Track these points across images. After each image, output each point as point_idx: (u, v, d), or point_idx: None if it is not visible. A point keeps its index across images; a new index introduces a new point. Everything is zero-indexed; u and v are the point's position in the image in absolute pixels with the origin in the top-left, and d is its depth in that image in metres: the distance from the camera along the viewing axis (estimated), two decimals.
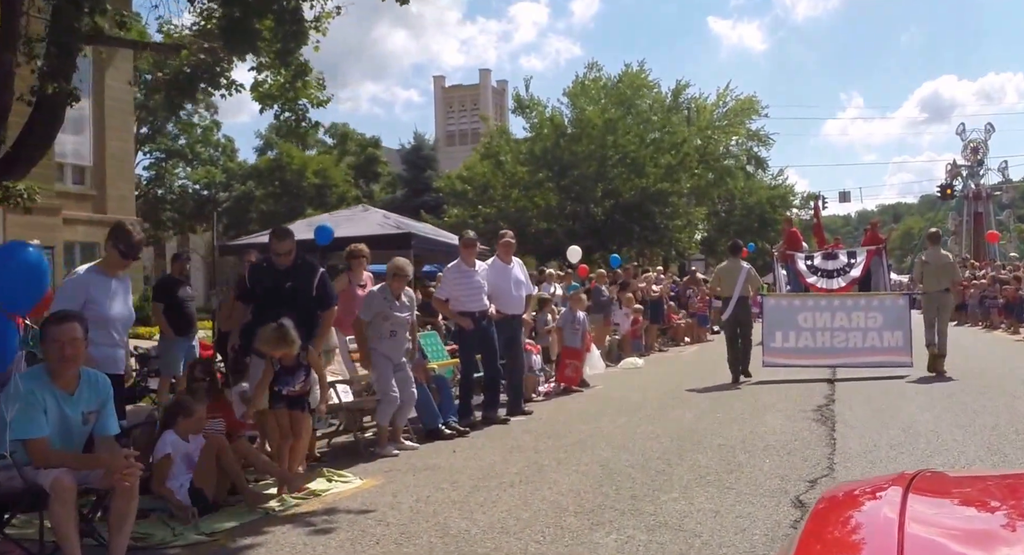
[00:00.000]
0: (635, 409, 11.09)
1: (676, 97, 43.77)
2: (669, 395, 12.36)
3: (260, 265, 8.27)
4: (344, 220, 15.64)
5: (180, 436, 6.62)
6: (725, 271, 13.71)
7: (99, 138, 28.79)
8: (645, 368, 16.66)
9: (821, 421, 9.51)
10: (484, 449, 8.80)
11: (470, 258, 10.42)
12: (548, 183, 30.47)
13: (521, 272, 11.08)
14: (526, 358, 12.18)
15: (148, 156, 41.72)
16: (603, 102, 31.60)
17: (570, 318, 13.34)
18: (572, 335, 13.23)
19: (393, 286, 8.88)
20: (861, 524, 1.88)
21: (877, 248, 18.09)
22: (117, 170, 29.52)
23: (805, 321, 13.24)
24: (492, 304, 10.68)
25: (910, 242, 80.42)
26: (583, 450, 8.45)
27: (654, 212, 30.65)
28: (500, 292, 10.79)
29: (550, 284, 19.23)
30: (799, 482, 6.70)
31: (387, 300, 8.82)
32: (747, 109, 48.48)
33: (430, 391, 9.64)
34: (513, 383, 11.09)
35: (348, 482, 7.49)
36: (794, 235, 20.60)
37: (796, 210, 53.84)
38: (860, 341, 13.04)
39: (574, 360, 13.11)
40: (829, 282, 16.99)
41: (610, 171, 30.13)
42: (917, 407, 10.31)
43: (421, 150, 41.77)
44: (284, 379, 7.05)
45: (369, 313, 8.79)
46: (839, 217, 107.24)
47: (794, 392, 11.94)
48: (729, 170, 50.89)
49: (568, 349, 13.15)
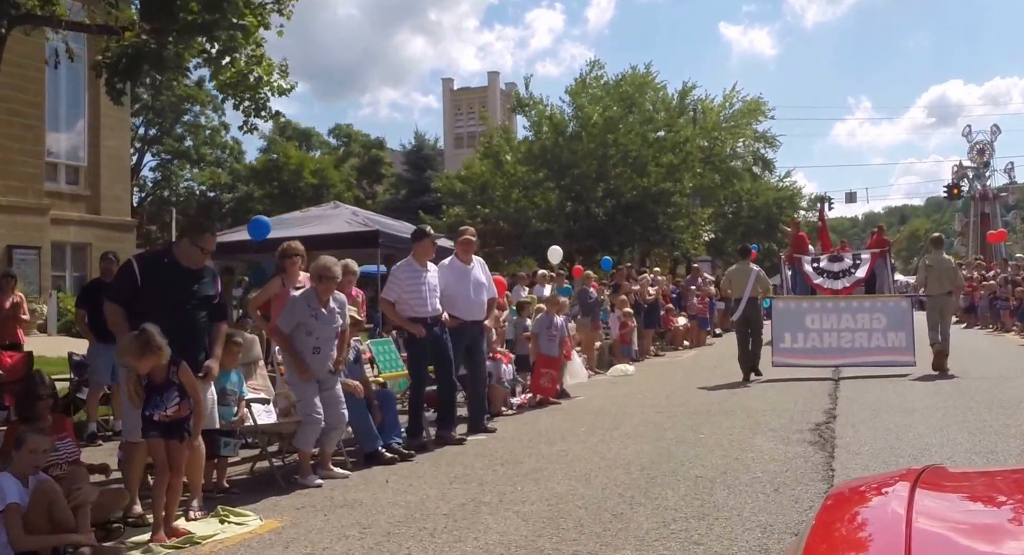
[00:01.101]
0: (612, 426, 9.57)
1: (683, 98, 42.12)
2: (654, 408, 10.84)
3: (156, 259, 6.74)
4: (312, 218, 14.20)
5: (18, 475, 5.14)
6: (735, 273, 14.00)
7: (94, 137, 27.52)
8: (636, 376, 15.11)
9: (819, 445, 7.96)
10: (423, 479, 7.30)
11: (424, 257, 8.90)
12: (548, 183, 28.93)
13: (483, 273, 9.58)
14: (495, 368, 10.69)
15: (155, 158, 40.54)
16: (604, 100, 30.01)
17: (546, 323, 11.83)
18: (548, 342, 11.72)
19: (320, 291, 7.38)
20: (869, 520, 1.83)
21: (882, 251, 17.90)
22: (113, 170, 28.23)
23: (812, 323, 13.45)
24: (447, 309, 9.19)
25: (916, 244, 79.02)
26: (536, 482, 6.94)
27: (656, 212, 29.02)
28: (458, 296, 9.31)
29: (542, 286, 17.79)
30: (784, 534, 5.17)
31: (311, 308, 7.32)
32: (753, 111, 46.90)
33: (372, 408, 8.14)
34: (474, 397, 9.60)
35: (243, 524, 6.01)
36: (800, 238, 20.37)
37: (803, 212, 52.25)
38: (865, 341, 13.22)
39: (550, 369, 11.60)
40: (834, 283, 16.79)
41: (611, 170, 28.54)
42: (927, 427, 8.74)
43: (422, 150, 40.21)
44: (154, 401, 5.59)
45: (288, 323, 7.31)
46: (846, 219, 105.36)
47: (793, 404, 10.41)
48: (736, 172, 49.39)
49: (543, 357, 11.65)
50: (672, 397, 11.75)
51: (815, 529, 1.81)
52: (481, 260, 9.74)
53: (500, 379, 10.64)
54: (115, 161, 28.31)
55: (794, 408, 10.19)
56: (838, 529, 1.82)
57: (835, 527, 1.83)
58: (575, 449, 8.26)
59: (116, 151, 28.46)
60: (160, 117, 40.33)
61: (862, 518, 1.85)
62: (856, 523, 1.83)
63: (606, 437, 8.86)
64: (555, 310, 11.99)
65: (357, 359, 8.32)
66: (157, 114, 39.66)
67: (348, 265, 9.69)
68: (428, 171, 35.12)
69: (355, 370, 8.22)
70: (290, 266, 8.71)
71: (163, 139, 39.81)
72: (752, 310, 13.46)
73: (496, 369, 10.64)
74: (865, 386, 11.99)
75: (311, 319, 7.28)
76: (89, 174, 27.63)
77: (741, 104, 45.88)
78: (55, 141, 26.57)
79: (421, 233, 9.03)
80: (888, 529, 1.68)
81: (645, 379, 14.58)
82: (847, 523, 1.84)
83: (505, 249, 29.27)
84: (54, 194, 26.06)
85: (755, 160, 49.99)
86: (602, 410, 10.86)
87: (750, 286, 13.33)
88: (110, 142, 28.02)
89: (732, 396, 11.56)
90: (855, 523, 1.83)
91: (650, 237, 29.68)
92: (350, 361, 8.18)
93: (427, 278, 8.84)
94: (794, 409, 10.11)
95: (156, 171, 40.35)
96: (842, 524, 1.84)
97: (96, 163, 27.59)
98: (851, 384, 12.34)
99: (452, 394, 9.02)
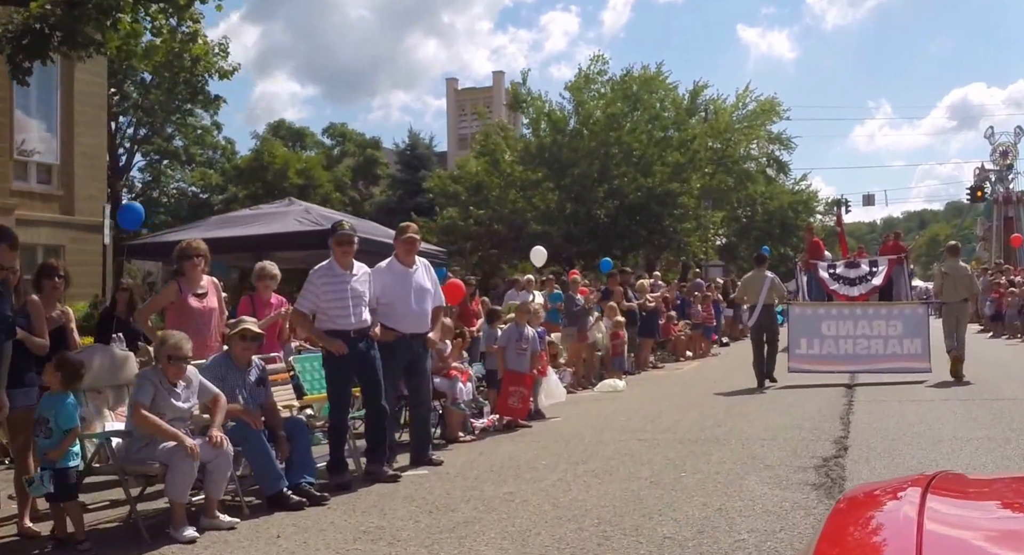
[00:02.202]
0: (580, 458, 8.10)
1: (694, 98, 40.53)
2: (636, 433, 9.35)
3: None
4: (262, 216, 12.79)
5: None
6: (751, 280, 14.21)
7: (67, 134, 26.17)
8: (627, 392, 13.59)
9: (825, 489, 6.45)
10: (325, 532, 5.84)
11: (344, 258, 7.45)
12: (547, 183, 27.38)
13: (427, 278, 8.11)
14: (449, 387, 9.23)
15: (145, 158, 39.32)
16: (608, 96, 28.43)
17: (514, 335, 10.34)
18: (517, 356, 10.24)
19: (169, 372, 6.02)
20: (880, 524, 1.80)
21: (899, 257, 17.69)
22: (87, 169, 26.85)
23: (828, 329, 13.48)
24: (384, 320, 7.77)
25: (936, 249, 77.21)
26: (460, 542, 5.47)
27: (662, 214, 27.41)
28: (397, 304, 7.86)
29: (528, 292, 16.33)
30: None
31: (162, 385, 5.96)
32: (768, 111, 45.29)
33: (278, 441, 6.70)
34: (416, 424, 8.15)
35: None
36: (816, 244, 20.15)
37: (819, 216, 50.61)
38: (881, 348, 13.22)
39: (519, 387, 10.12)
40: (850, 290, 16.17)
41: (613, 170, 26.96)
42: (958, 462, 7.22)
43: (416, 149, 38.61)
44: None
45: (143, 396, 5.90)
46: (864, 223, 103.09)
47: (797, 430, 8.91)
48: (749, 174, 47.86)
49: (512, 373, 10.16)
50: (660, 419, 10.25)
51: (825, 532, 1.80)
52: (427, 262, 8.27)
53: (456, 400, 9.16)
54: (90, 159, 26.95)
55: (798, 437, 8.67)
56: (849, 533, 1.81)
57: (846, 531, 1.82)
58: (526, 491, 6.78)
59: (92, 149, 27.11)
60: (150, 116, 39.04)
61: (873, 523, 1.82)
62: (867, 528, 1.80)
63: (568, 474, 7.37)
64: (525, 320, 10.49)
65: (261, 381, 6.87)
66: (147, 112, 38.36)
67: (265, 268, 8.32)
68: (422, 171, 33.46)
69: (258, 394, 6.77)
70: (189, 269, 7.32)
71: (152, 139, 38.47)
72: (767, 317, 13.60)
73: (451, 388, 9.17)
74: (882, 408, 10.46)
75: (161, 399, 5.91)
76: (62, 173, 26.31)
77: (755, 104, 44.33)
78: (25, 138, 25.27)
79: (344, 235, 7.53)
80: (899, 533, 1.66)
81: (636, 396, 13.06)
82: (858, 527, 1.81)
83: (500, 252, 27.81)
84: (24, 193, 24.76)
85: (769, 162, 48.32)
86: (575, 436, 9.37)
87: (764, 293, 13.46)
88: (85, 139, 26.69)
89: (728, 419, 10.03)
90: (866, 527, 1.80)
91: (655, 240, 28.08)
92: (251, 382, 6.75)
93: (352, 284, 7.38)
94: (798, 438, 8.59)
95: (145, 172, 39.05)
96: (853, 528, 1.82)
97: (70, 161, 26.25)
98: (866, 405, 10.81)
99: (381, 421, 7.55)
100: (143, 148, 39.05)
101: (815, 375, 13.08)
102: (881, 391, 11.87)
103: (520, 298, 16.39)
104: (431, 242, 28.75)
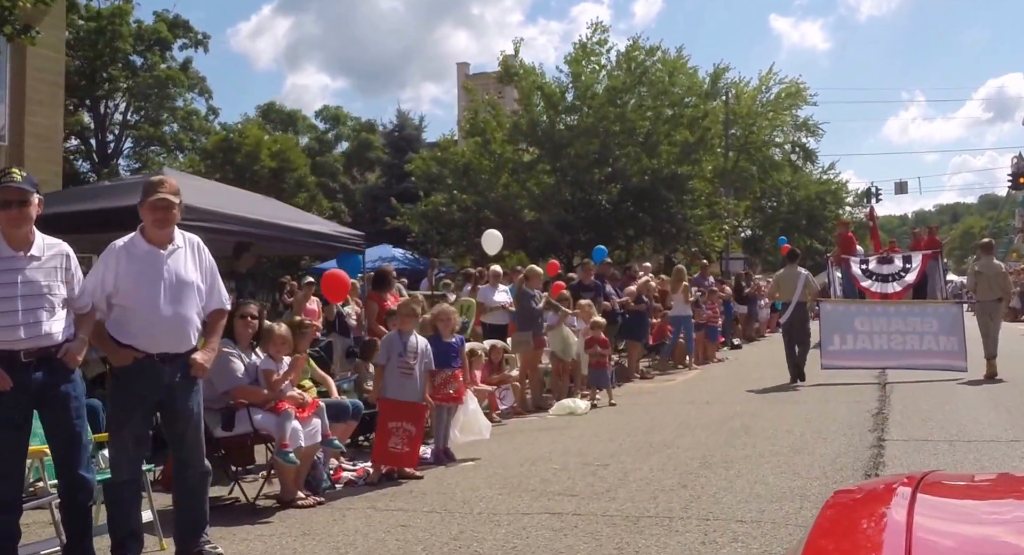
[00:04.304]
0: (450, 550, 4.94)
1: (715, 82, 36.96)
2: (554, 500, 6.17)
3: None
4: (106, 190, 9.76)
5: None
6: (784, 277, 13.87)
7: (17, 113, 23.36)
8: (587, 418, 10.30)
9: None
10: None
11: None
12: (541, 164, 24.03)
13: (194, 264, 4.94)
14: (276, 427, 6.05)
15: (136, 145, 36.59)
16: (608, 68, 25.00)
17: (396, 347, 7.11)
18: (399, 381, 7.03)
19: None
20: (870, 524, 1.77)
21: (933, 252, 16.93)
22: (41, 151, 23.97)
23: (862, 325, 13.11)
24: (117, 334, 4.68)
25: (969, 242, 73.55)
26: None
27: (669, 200, 23.96)
28: (136, 306, 4.73)
29: (493, 287, 13.24)
30: None
31: None
32: (793, 95, 41.67)
33: None
34: (182, 497, 5.01)
35: None
36: (849, 239, 19.96)
37: (849, 208, 47.00)
38: (917, 344, 12.84)
39: (403, 422, 6.93)
40: (884, 287, 15.50)
41: (614, 151, 23.52)
42: None
43: (404, 130, 35.17)
44: None
45: None
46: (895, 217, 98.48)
47: (800, 494, 5.65)
48: (774, 162, 44.30)
49: (390, 404, 6.98)
50: (602, 472, 6.99)
51: (815, 531, 1.76)
52: (197, 241, 5.07)
53: (284, 447, 5.97)
54: (43, 141, 24.10)
55: (800, 508, 5.42)
56: (838, 532, 1.78)
57: (835, 530, 1.79)
58: None
59: (46, 130, 24.26)
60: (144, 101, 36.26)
61: (863, 522, 1.80)
62: (856, 527, 1.79)
63: None
64: (410, 325, 7.24)
65: None
66: (139, 97, 35.58)
67: None
68: (410, 154, 30.09)
69: None
70: None
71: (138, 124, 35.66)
72: (800, 315, 13.20)
73: (278, 428, 5.98)
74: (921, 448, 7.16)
75: None
76: (11, 154, 23.46)
77: (779, 88, 40.72)
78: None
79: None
80: (888, 533, 1.66)
81: (594, 425, 9.71)
82: (848, 526, 1.80)
83: None
84: None
85: (794, 148, 44.69)
86: (469, 501, 6.19)
87: (799, 291, 13.11)
88: (38, 119, 23.84)
89: (699, 477, 6.72)
90: (856, 527, 1.79)
91: (663, 229, 24.63)
92: None
93: (25, 273, 4.28)
94: (799, 513, 5.34)
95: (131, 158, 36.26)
96: (843, 527, 1.80)
97: (20, 143, 23.43)
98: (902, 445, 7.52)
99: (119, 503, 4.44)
100: (132, 134, 36.24)
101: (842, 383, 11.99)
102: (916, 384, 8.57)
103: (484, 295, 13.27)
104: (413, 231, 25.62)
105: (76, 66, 34.24)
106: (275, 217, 9.70)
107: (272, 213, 9.99)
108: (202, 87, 37.66)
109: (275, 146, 30.77)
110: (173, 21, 35.87)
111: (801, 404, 10.41)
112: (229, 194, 10.35)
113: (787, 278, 13.61)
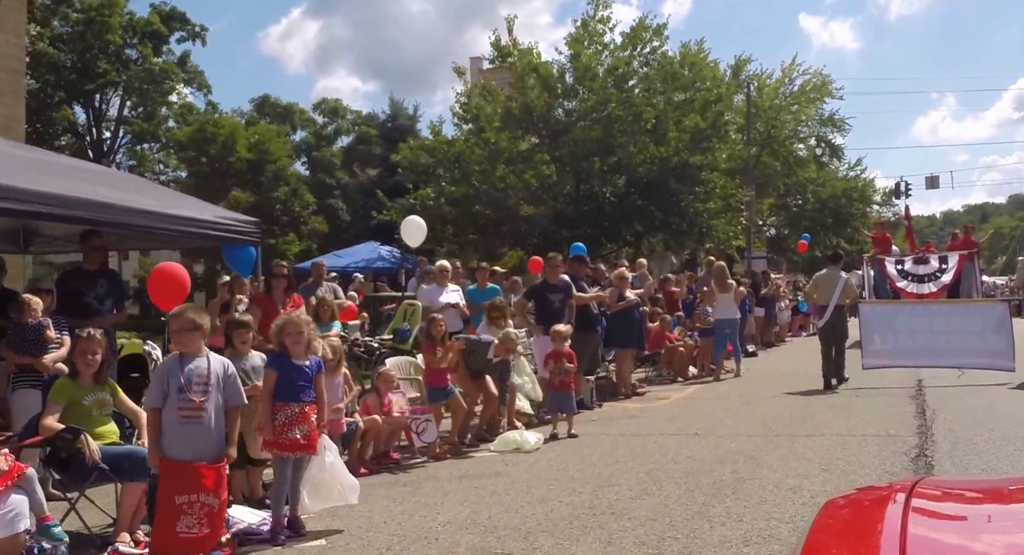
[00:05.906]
0: None
1: (736, 74, 34.24)
2: None
3: None
4: None
5: None
6: (823, 279, 13.18)
7: None
8: (534, 457, 7.75)
9: None
10: None
11: None
12: (539, 154, 21.46)
13: None
14: None
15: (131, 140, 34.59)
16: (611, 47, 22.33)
17: (175, 377, 4.64)
18: (181, 431, 4.58)
19: None
20: (865, 527, 1.75)
21: (969, 253, 16.25)
22: None
23: (903, 324, 12.71)
24: None
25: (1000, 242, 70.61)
26: None
27: (680, 192, 21.28)
28: None
29: (441, 287, 10.88)
30: None
31: None
32: (818, 88, 38.78)
33: None
34: None
35: None
36: (886, 239, 19.82)
37: (876, 207, 44.21)
38: (961, 342, 12.17)
39: (200, 493, 4.49)
40: (920, 287, 14.58)
41: (618, 137, 20.85)
42: None
43: (397, 120, 32.66)
44: None
45: None
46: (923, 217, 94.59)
47: None
48: (799, 158, 41.55)
49: (173, 468, 4.56)
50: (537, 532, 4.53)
51: (812, 535, 1.74)
52: None
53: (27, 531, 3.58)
54: (3, 132, 22.12)
55: None
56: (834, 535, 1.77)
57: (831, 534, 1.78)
58: None
59: (6, 119, 22.11)
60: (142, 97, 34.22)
61: (858, 526, 1.80)
62: (852, 531, 1.78)
63: None
64: (190, 345, 4.77)
65: None
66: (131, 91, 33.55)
67: None
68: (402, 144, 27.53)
69: None
70: None
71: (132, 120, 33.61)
72: (838, 318, 12.64)
73: None
74: None
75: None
76: None
77: (802, 80, 37.90)
78: None
79: None
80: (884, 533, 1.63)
81: (539, 468, 7.16)
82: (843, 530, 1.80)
83: (482, 238, 21.95)
84: None
85: (819, 143, 41.82)
86: None
87: (837, 293, 12.48)
88: None
89: None
90: (851, 530, 1.78)
91: (674, 224, 21.95)
92: None
93: None
94: None
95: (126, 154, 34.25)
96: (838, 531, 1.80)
97: None
98: None
99: None
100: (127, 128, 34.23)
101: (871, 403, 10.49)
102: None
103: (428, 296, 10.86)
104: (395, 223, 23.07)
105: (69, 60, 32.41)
106: (125, 200, 7.28)
107: (123, 196, 7.56)
108: (200, 81, 35.62)
109: (254, 137, 28.42)
110: (169, 13, 33.91)
111: (817, 439, 7.87)
112: (68, 169, 7.95)
113: (826, 280, 12.90)
